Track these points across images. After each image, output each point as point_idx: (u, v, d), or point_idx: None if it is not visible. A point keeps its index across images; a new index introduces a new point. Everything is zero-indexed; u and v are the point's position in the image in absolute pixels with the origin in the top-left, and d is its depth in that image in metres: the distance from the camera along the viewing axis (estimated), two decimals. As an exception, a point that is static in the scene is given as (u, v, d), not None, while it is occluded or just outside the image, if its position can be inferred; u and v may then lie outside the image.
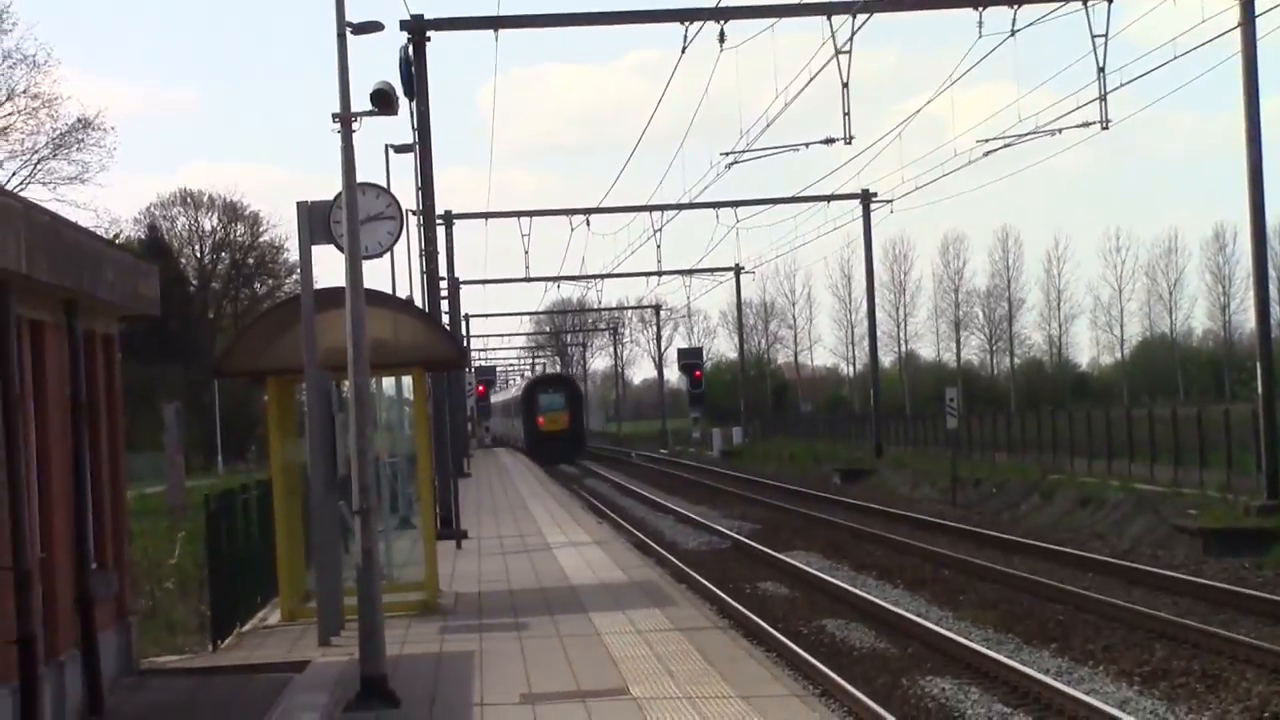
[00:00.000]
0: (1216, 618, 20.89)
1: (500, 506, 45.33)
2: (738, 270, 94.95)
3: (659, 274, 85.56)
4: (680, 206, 65.33)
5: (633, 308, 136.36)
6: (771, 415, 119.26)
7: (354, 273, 15.08)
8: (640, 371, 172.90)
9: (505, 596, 22.69)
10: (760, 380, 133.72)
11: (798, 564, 30.36)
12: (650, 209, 67.75)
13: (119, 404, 16.73)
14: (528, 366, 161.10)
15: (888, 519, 41.66)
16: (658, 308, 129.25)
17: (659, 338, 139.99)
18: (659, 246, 70.83)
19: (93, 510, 14.57)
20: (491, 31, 37.49)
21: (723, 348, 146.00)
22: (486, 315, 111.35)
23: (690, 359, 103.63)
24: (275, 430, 20.82)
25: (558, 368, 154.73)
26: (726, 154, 45.58)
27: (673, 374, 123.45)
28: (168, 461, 49.66)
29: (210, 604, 19.89)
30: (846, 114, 35.49)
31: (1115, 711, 14.58)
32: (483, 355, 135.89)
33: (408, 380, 22.32)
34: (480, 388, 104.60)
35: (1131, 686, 16.73)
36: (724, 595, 24.89)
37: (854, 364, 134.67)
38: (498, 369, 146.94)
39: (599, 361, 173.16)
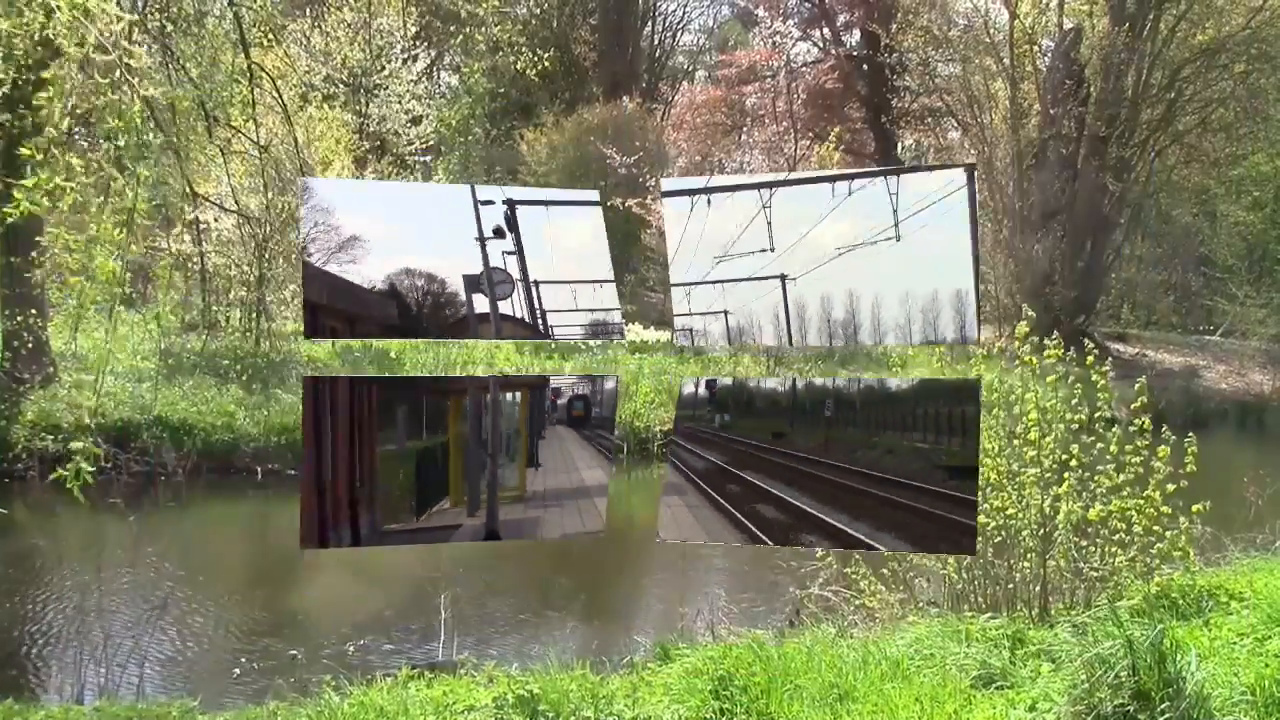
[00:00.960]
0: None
1: (558, 452, 52.00)
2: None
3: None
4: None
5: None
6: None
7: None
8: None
9: (561, 492, 28.46)
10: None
11: (749, 478, 36.92)
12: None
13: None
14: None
15: (803, 460, 48.36)
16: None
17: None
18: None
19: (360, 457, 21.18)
20: (544, 208, 45.60)
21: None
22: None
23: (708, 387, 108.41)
24: (454, 419, 28.18)
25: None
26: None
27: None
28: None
29: (416, 500, 27.15)
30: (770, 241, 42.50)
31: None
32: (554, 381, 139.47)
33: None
34: (553, 395, 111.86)
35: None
36: (709, 490, 30.79)
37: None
38: (560, 388, 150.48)
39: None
